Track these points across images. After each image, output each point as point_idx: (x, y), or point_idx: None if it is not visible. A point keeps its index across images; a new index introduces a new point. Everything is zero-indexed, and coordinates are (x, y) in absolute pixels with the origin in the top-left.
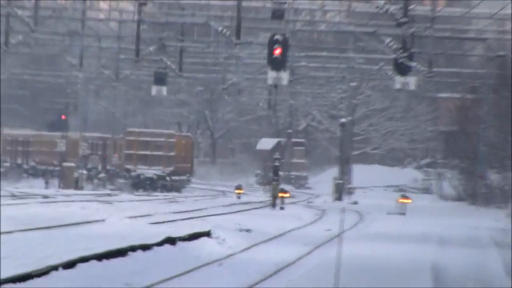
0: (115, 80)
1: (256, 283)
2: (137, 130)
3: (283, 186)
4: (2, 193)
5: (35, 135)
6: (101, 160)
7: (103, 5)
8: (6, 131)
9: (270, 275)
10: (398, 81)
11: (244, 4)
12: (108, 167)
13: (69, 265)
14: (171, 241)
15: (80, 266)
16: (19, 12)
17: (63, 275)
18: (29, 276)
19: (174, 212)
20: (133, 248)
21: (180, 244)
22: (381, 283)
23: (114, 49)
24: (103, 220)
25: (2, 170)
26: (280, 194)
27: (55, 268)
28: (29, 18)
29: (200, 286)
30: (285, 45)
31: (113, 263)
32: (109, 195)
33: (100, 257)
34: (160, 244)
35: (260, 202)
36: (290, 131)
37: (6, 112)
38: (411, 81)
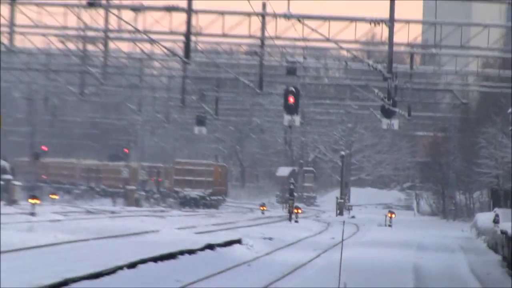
0: (165, 122)
1: (278, 279)
2: (183, 160)
3: (297, 204)
4: (80, 209)
5: (104, 164)
6: (155, 184)
7: (156, 64)
8: (82, 161)
9: (288, 273)
10: (385, 122)
11: (265, 63)
12: (161, 189)
13: (132, 265)
14: (210, 247)
15: (140, 266)
16: (92, 69)
17: (127, 274)
18: (100, 274)
19: (212, 224)
20: (182, 253)
21: (218, 249)
22: (375, 279)
23: (165, 98)
24: (158, 231)
25: (78, 192)
26: (294, 210)
27: (121, 268)
28: (99, 74)
29: (233, 282)
30: (297, 95)
31: (166, 264)
32: (162, 211)
33: (156, 259)
34: (202, 249)
35: (279, 216)
36: (301, 161)
37: (82, 146)
38: (395, 123)
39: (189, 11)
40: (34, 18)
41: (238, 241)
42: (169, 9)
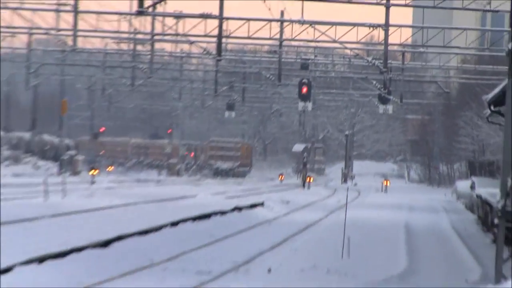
0: (201, 108)
1: (294, 234)
2: (216, 139)
3: (309, 174)
4: (131, 179)
5: (151, 142)
6: (193, 158)
7: (194, 61)
8: (132, 140)
9: (303, 229)
10: (381, 108)
11: (283, 60)
12: (198, 162)
13: (174, 224)
14: (238, 209)
15: (181, 225)
16: (140, 65)
17: (170, 231)
18: (148, 231)
19: (240, 191)
20: (214, 213)
21: (244, 210)
22: (373, 233)
23: (201, 89)
24: (195, 196)
25: (129, 165)
26: (307, 179)
27: (164, 226)
28: (147, 69)
29: (257, 237)
30: (309, 85)
31: (202, 223)
32: (198, 180)
33: (193, 219)
34: (231, 211)
35: (295, 184)
36: (313, 139)
37: (132, 128)
38: (390, 108)
39: (221, 18)
40: (94, 24)
41: (261, 204)
42: (204, 16)
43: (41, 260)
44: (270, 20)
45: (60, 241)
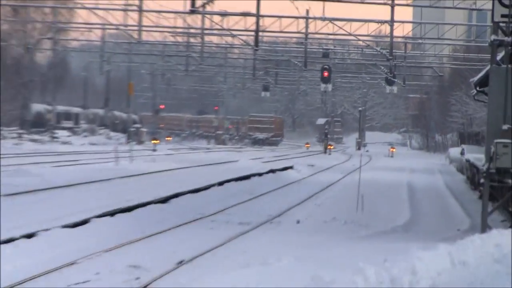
0: (242, 89)
1: (318, 191)
2: (254, 114)
3: (330, 142)
4: (185, 147)
5: (202, 117)
6: (235, 130)
7: (235, 50)
8: (186, 115)
9: (326, 187)
10: (388, 88)
11: (308, 49)
12: (239, 133)
13: (220, 184)
14: (272, 171)
15: (226, 184)
16: (193, 54)
17: (217, 189)
18: (199, 190)
19: (274, 156)
20: (253, 175)
21: (278, 173)
22: (382, 190)
23: (241, 73)
24: (237, 161)
25: (184, 135)
26: (328, 147)
27: (213, 185)
28: (198, 57)
29: (289, 193)
30: (329, 70)
31: (243, 183)
32: (240, 148)
33: (236, 179)
34: (267, 173)
35: (318, 151)
36: (333, 114)
37: (186, 105)
38: (394, 89)
39: (258, 16)
40: (155, 21)
41: (291, 167)
42: (244, 14)
43: (112, 214)
44: (297, 17)
45: (128, 198)
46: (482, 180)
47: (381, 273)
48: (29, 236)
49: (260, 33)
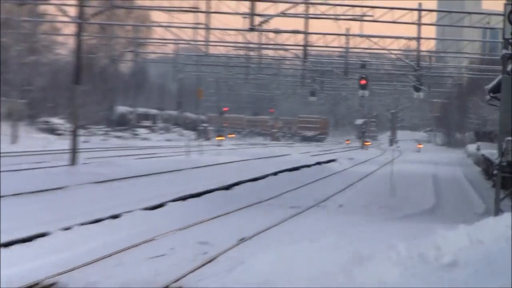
0: (292, 94)
1: (357, 180)
2: (303, 115)
3: (366, 139)
4: (245, 143)
5: (259, 117)
6: (288, 128)
7: (287, 62)
8: (246, 116)
9: (363, 177)
10: (415, 94)
11: (348, 61)
12: (290, 131)
13: (274, 174)
14: (319, 163)
15: (280, 174)
16: (251, 65)
17: (272, 178)
18: (256, 179)
19: (320, 151)
20: (303, 167)
21: (323, 165)
22: (411, 179)
23: (292, 81)
24: (289, 154)
25: (244, 133)
26: (365, 143)
27: (269, 175)
28: (256, 67)
29: (332, 181)
30: (366, 79)
31: (294, 173)
32: (291, 144)
33: (288, 170)
34: (314, 165)
35: (357, 146)
36: (369, 116)
37: (246, 108)
38: (421, 95)
39: (306, 33)
40: (220, 37)
41: (334, 160)
42: (294, 32)
43: (184, 198)
44: (339, 34)
45: (198, 185)
46: (495, 172)
47: (410, 248)
48: (115, 217)
49: (308, 48)
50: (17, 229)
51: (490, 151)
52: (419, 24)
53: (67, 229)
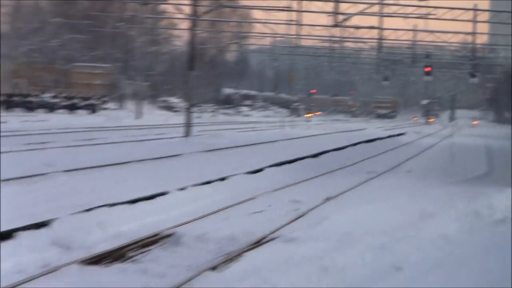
0: (368, 80)
1: (423, 150)
2: (378, 96)
3: (430, 117)
4: (330, 119)
5: (340, 98)
6: (365, 107)
7: (365, 52)
8: (330, 97)
9: (428, 147)
10: (471, 80)
11: (415, 52)
12: (367, 109)
13: (354, 144)
14: (390, 136)
15: (358, 145)
16: (335, 55)
17: (352, 148)
18: (339, 149)
19: (391, 126)
20: (377, 139)
21: (394, 138)
22: (467, 150)
23: (368, 68)
24: (365, 129)
25: (329, 110)
26: (429, 120)
27: (349, 146)
28: (338, 57)
29: (401, 151)
30: (430, 66)
31: (370, 144)
32: (367, 120)
33: (365, 142)
34: (386, 138)
35: (422, 123)
36: (433, 97)
37: (330, 90)
38: (475, 80)
39: (380, 28)
40: (308, 31)
41: (403, 133)
42: (371, 27)
43: (279, 164)
44: (408, 30)
45: (290, 153)
46: None
47: (467, 207)
48: (222, 179)
49: (382, 41)
50: (141, 189)
51: None
52: (474, 22)
53: (182, 189)
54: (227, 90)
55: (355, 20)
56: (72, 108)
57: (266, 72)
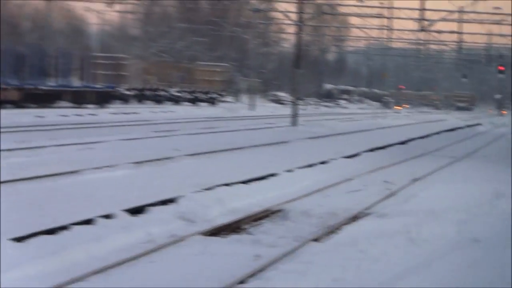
0: (449, 77)
1: (497, 139)
2: (457, 92)
3: (503, 109)
4: (415, 110)
5: (426, 92)
6: (446, 101)
7: (446, 54)
8: (414, 92)
9: (501, 136)
10: (499, 76)
11: (490, 54)
12: (448, 103)
13: (437, 133)
14: (469, 126)
15: (441, 133)
16: (421, 55)
17: (436, 136)
18: (425, 136)
19: (469, 117)
20: (457, 128)
21: (472, 127)
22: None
23: (449, 67)
24: (447, 120)
25: (415, 104)
26: (502, 112)
27: (433, 134)
28: (423, 57)
29: (479, 139)
30: (504, 66)
31: (450, 133)
32: (448, 112)
33: (446, 131)
34: (465, 127)
35: (496, 114)
36: (505, 93)
37: (415, 86)
38: (502, 76)
39: (460, 33)
40: (398, 35)
41: (480, 124)
42: (452, 32)
43: (372, 150)
44: (484, 34)
45: (382, 140)
46: None
47: None
48: (323, 162)
49: (461, 43)
50: (254, 171)
51: None
52: None
53: (289, 171)
54: (328, 86)
55: (438, 25)
56: (194, 101)
57: (361, 70)
